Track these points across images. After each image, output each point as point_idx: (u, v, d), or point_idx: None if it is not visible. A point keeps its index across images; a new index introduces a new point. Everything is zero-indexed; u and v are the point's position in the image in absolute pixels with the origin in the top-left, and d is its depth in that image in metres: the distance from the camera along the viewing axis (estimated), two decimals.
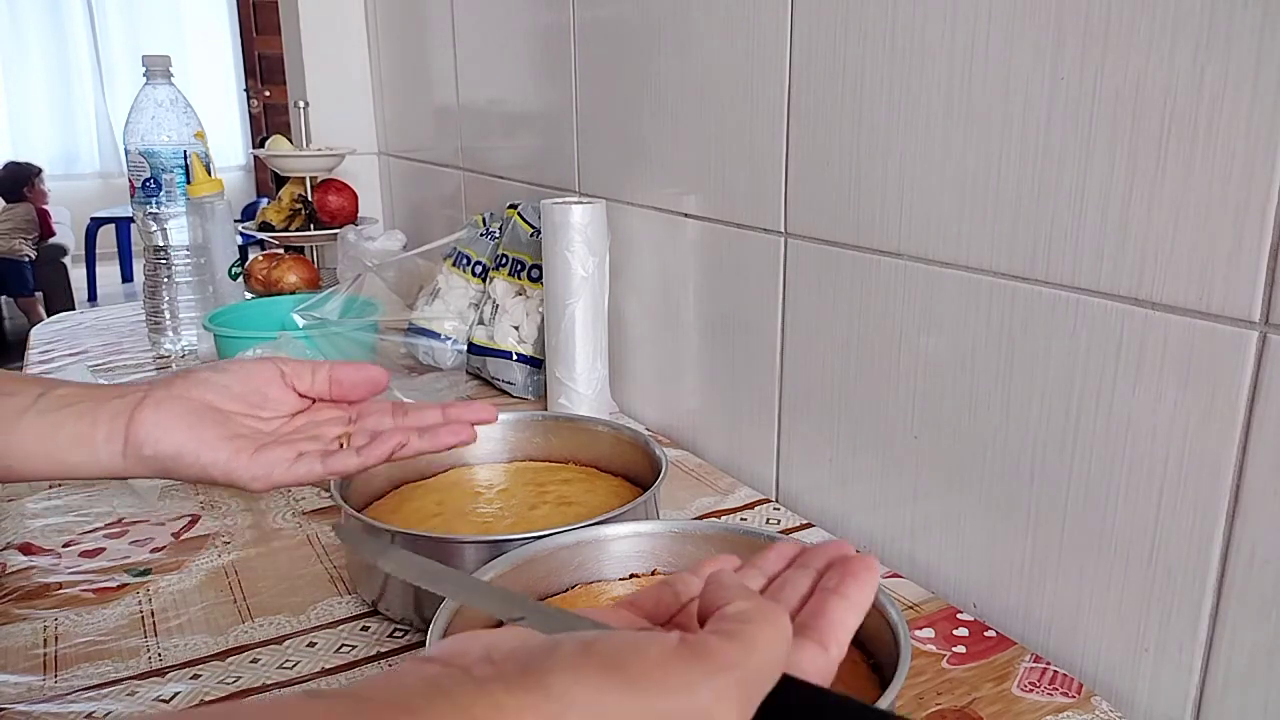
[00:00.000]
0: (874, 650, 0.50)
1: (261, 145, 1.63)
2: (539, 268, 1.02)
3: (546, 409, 0.99)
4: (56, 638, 0.61)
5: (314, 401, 0.52)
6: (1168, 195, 0.49)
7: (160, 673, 0.57)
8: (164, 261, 1.27)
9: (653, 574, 0.57)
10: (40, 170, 4.69)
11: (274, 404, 0.50)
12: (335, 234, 1.42)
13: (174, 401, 0.46)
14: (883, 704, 0.40)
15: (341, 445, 0.49)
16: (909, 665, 0.43)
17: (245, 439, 0.47)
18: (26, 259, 4.35)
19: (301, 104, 1.67)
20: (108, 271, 5.58)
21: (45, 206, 4.63)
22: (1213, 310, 0.48)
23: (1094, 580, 0.56)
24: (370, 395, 0.53)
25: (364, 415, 0.52)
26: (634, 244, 0.97)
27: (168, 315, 1.28)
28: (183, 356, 1.25)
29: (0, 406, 0.44)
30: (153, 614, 0.64)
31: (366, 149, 1.76)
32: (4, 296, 4.37)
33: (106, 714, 0.53)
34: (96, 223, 5.46)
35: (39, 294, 4.37)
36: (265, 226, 1.55)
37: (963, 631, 0.61)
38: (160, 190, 1.25)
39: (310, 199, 1.55)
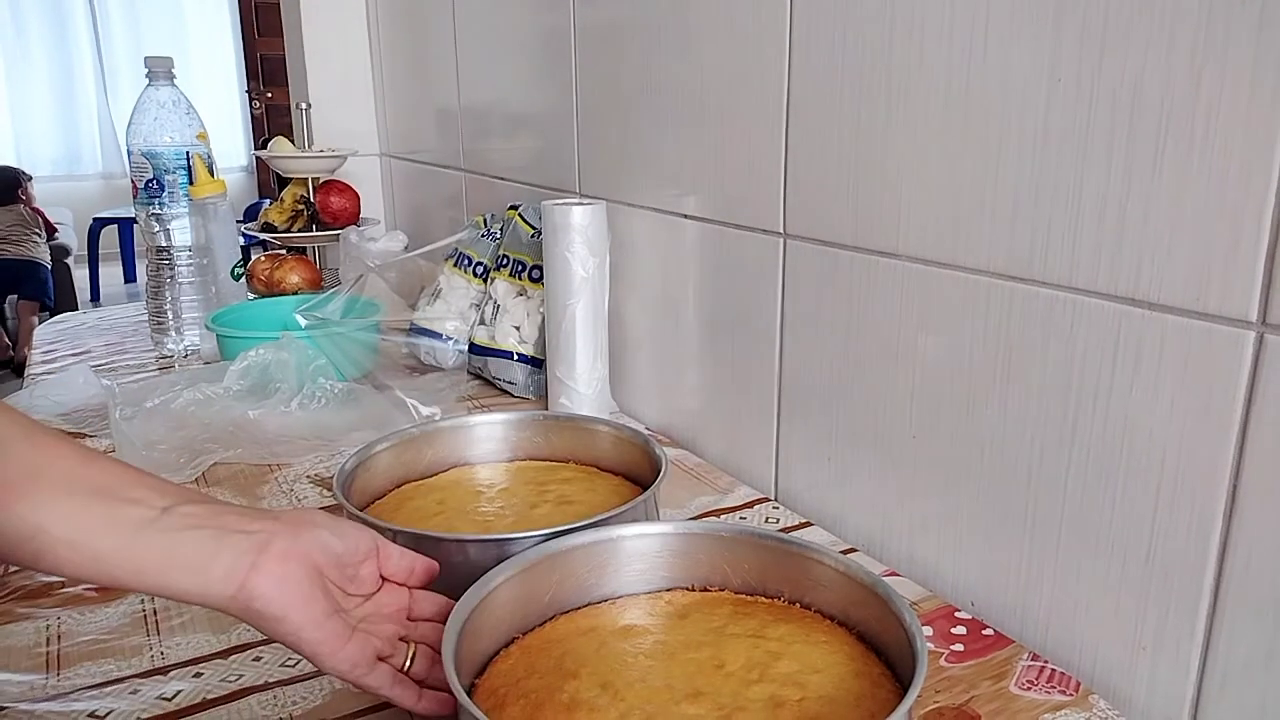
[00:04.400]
0: (882, 645, 0.50)
1: (263, 146, 1.64)
2: (540, 268, 1.02)
3: (547, 409, 0.99)
4: (59, 636, 0.62)
5: (381, 585, 0.51)
6: (1165, 196, 0.49)
7: (163, 671, 0.58)
8: (167, 262, 1.28)
9: (691, 589, 0.57)
10: (30, 176, 4.66)
11: (360, 582, 0.49)
12: (337, 235, 1.43)
13: (297, 561, 0.44)
14: (901, 710, 0.40)
15: (408, 660, 0.49)
16: (925, 672, 0.42)
17: (340, 621, 0.46)
18: (44, 263, 4.32)
19: (304, 106, 1.68)
20: (110, 272, 5.60)
21: (38, 209, 4.61)
22: (1210, 310, 0.48)
23: (1091, 579, 0.56)
24: (427, 584, 0.53)
25: (419, 614, 0.52)
26: (634, 245, 0.98)
27: (170, 315, 1.28)
28: (185, 356, 1.26)
29: (122, 515, 0.42)
30: (155, 613, 0.64)
31: (368, 150, 1.76)
32: (15, 298, 4.32)
33: (109, 712, 0.54)
34: (99, 223, 5.47)
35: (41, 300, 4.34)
36: (268, 227, 1.55)
37: (961, 630, 0.61)
38: (163, 191, 1.25)
39: (312, 200, 1.55)
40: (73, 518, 0.40)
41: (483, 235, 1.15)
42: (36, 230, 4.38)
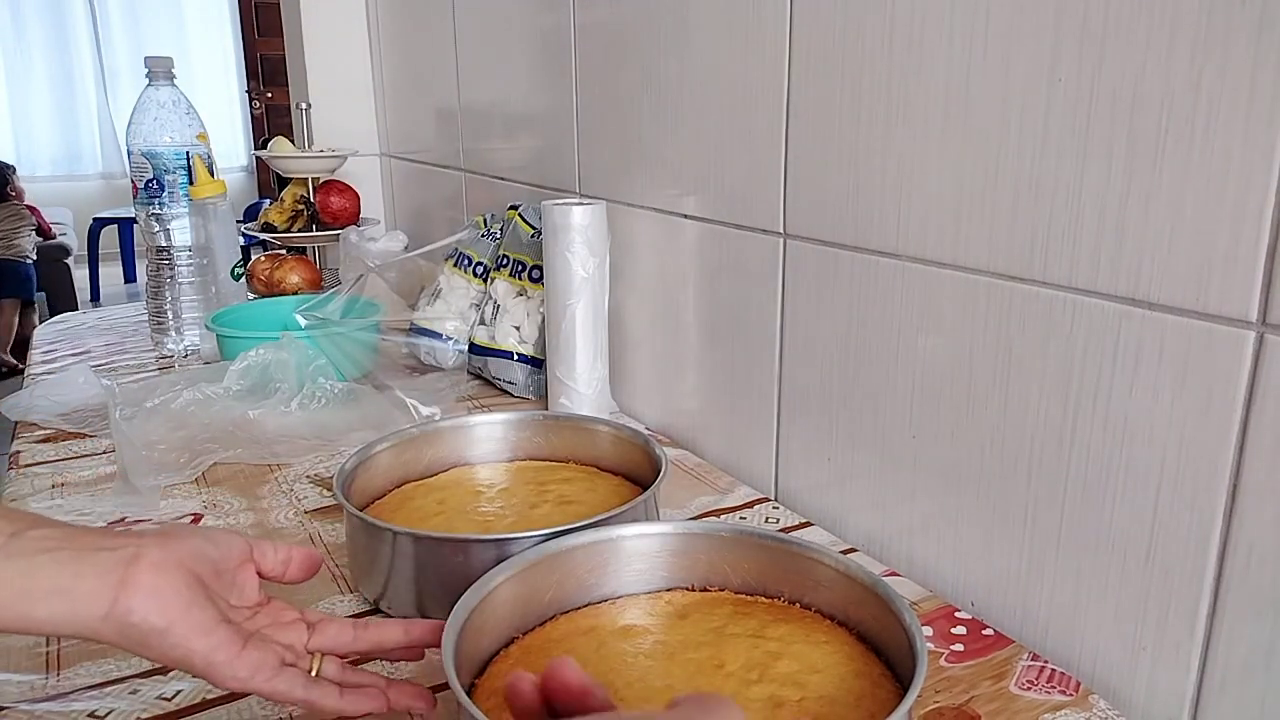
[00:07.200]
0: (882, 645, 0.50)
1: (263, 146, 1.64)
2: (540, 268, 1.02)
3: (547, 409, 0.99)
4: (59, 636, 0.62)
5: (268, 601, 0.48)
6: (1165, 195, 0.49)
7: (163, 670, 0.57)
8: (167, 262, 1.28)
9: (691, 589, 0.57)
10: (14, 168, 4.61)
11: (240, 589, 0.46)
12: (337, 235, 1.43)
13: (172, 570, 0.41)
14: (901, 710, 0.40)
15: (315, 669, 0.46)
16: (925, 672, 0.42)
17: (231, 628, 0.43)
18: (30, 260, 4.30)
19: (304, 106, 1.68)
20: (110, 272, 5.60)
21: (33, 206, 4.59)
22: (1210, 310, 0.48)
23: (1091, 579, 0.56)
24: (310, 577, 0.50)
25: (321, 628, 0.48)
26: (634, 245, 0.98)
27: (170, 316, 1.28)
28: (185, 356, 1.26)
29: None
30: None
31: (368, 150, 1.76)
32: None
33: (109, 712, 0.54)
34: (99, 223, 5.48)
35: (36, 297, 4.31)
36: (268, 227, 1.55)
37: (960, 630, 0.61)
38: (163, 191, 1.25)
39: (312, 200, 1.55)
40: None
41: (483, 235, 1.15)
42: (24, 224, 4.30)
